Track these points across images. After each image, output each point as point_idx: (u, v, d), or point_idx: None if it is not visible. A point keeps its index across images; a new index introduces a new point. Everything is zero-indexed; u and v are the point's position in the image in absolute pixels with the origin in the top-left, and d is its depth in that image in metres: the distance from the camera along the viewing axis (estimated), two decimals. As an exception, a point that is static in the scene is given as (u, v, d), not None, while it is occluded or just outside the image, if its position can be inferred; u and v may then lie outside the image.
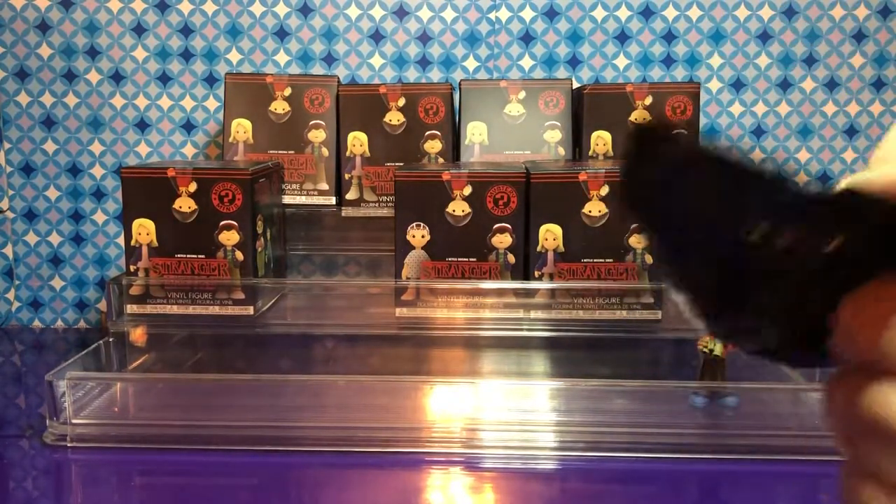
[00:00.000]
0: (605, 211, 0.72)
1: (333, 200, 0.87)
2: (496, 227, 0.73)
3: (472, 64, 0.97)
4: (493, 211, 0.73)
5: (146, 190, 0.73)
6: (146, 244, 0.74)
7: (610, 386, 0.68)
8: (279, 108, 0.87)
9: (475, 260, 0.74)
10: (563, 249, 0.73)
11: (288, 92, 0.87)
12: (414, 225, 0.74)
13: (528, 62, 0.97)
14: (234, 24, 0.97)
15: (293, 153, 0.87)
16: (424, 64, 0.97)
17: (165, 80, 0.98)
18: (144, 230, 0.74)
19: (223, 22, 0.97)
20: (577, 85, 0.92)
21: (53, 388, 0.64)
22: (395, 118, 0.86)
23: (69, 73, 0.98)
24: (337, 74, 0.95)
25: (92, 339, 0.85)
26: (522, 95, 0.87)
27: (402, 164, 0.84)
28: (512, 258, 0.74)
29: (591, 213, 0.72)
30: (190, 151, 0.99)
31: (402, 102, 0.86)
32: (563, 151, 0.87)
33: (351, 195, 0.87)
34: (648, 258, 0.73)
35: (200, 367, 0.80)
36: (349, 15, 0.97)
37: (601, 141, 0.86)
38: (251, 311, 0.74)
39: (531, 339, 0.74)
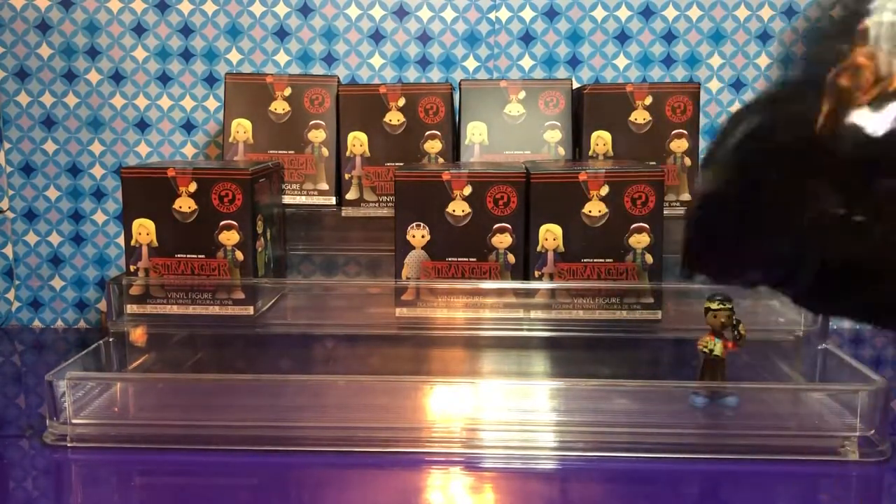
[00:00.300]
0: (605, 211, 0.72)
1: (333, 200, 0.87)
2: (496, 227, 0.73)
3: (472, 64, 0.97)
4: (493, 211, 0.73)
5: (146, 190, 0.73)
6: (146, 244, 0.74)
7: (610, 386, 0.68)
8: (279, 108, 0.87)
9: (475, 260, 0.74)
10: (563, 249, 0.73)
11: (288, 92, 0.87)
12: (414, 225, 0.74)
13: (528, 62, 0.97)
14: (234, 24, 0.97)
15: (293, 153, 0.87)
16: (424, 64, 0.97)
17: (165, 80, 0.98)
18: (144, 230, 0.74)
19: (223, 22, 0.97)
20: (577, 85, 0.92)
21: (53, 388, 0.64)
22: (395, 118, 0.86)
23: (69, 73, 0.98)
24: (337, 74, 0.95)
25: (92, 339, 0.85)
26: (522, 95, 0.87)
27: (402, 164, 0.84)
28: (512, 258, 0.74)
29: (591, 213, 0.72)
30: (190, 151, 0.99)
31: (402, 102, 0.86)
32: (563, 151, 0.87)
33: (351, 195, 0.87)
34: (649, 258, 0.73)
35: (200, 367, 0.80)
36: (349, 15, 0.97)
37: (601, 141, 0.86)
38: (251, 311, 0.74)
39: (531, 339, 0.74)
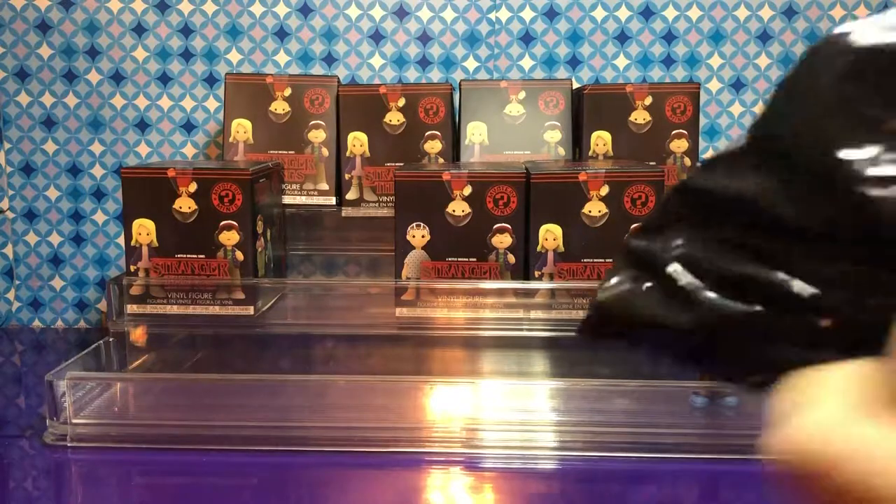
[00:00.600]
0: (605, 211, 0.72)
1: (333, 200, 0.87)
2: (496, 227, 0.73)
3: (472, 64, 0.97)
4: (493, 211, 0.73)
5: (146, 190, 0.73)
6: (146, 244, 0.74)
7: (610, 386, 0.68)
8: (279, 108, 0.87)
9: (475, 260, 0.74)
10: (563, 249, 0.73)
11: (288, 92, 0.87)
12: (414, 225, 0.74)
13: (528, 62, 0.97)
14: (234, 24, 0.97)
15: (293, 153, 0.87)
16: (424, 64, 0.97)
17: (165, 80, 0.98)
18: (144, 230, 0.74)
19: (223, 22, 0.97)
20: (577, 85, 0.92)
21: (53, 388, 0.64)
22: (395, 118, 0.86)
23: (69, 73, 0.98)
24: (337, 75, 0.95)
25: (92, 339, 0.85)
26: (522, 95, 0.87)
27: (402, 164, 0.84)
28: (512, 258, 0.74)
29: (591, 213, 0.73)
30: (190, 151, 0.99)
31: (402, 102, 0.86)
32: (563, 151, 0.87)
33: (351, 195, 0.87)
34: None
35: (200, 367, 0.80)
36: (349, 15, 0.97)
37: (601, 141, 0.86)
38: (251, 311, 0.74)
39: (531, 339, 0.74)
